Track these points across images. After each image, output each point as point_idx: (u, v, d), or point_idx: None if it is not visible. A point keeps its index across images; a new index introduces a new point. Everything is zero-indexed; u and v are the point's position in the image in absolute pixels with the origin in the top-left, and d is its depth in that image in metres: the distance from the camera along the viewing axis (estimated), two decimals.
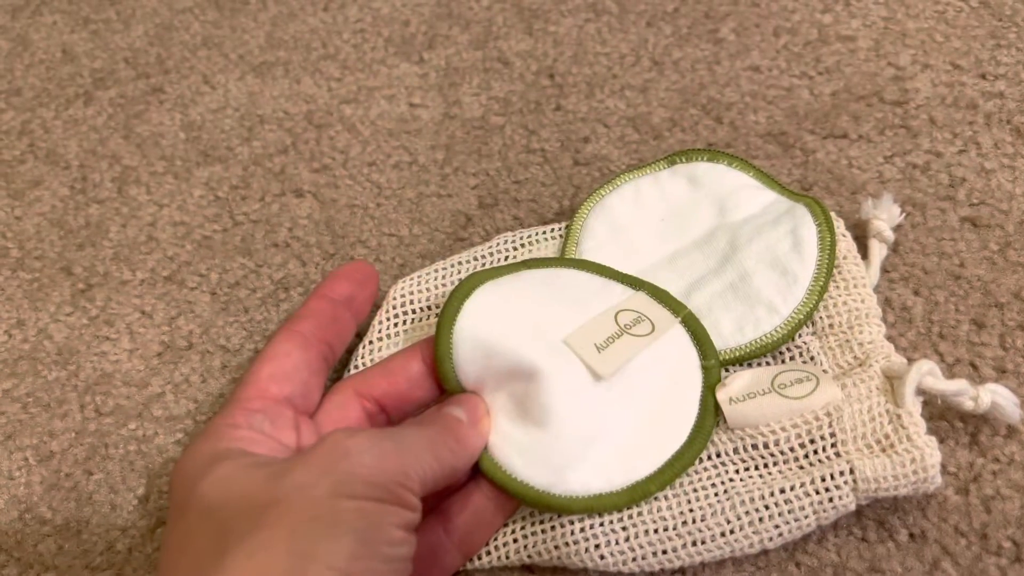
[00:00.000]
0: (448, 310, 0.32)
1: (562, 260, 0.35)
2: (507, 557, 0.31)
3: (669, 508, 0.31)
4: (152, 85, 0.51)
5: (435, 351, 0.32)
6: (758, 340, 0.32)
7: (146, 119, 0.49)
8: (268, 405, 0.29)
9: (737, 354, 0.32)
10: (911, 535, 0.31)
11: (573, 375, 0.31)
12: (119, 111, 0.50)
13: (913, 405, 0.30)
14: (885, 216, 0.37)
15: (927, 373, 0.30)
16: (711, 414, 0.31)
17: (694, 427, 0.31)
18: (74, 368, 0.39)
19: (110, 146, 0.48)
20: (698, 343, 0.33)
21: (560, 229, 0.38)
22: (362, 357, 0.35)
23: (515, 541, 0.31)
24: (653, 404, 0.31)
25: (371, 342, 0.36)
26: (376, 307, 0.39)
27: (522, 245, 0.38)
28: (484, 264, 0.38)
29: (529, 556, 0.31)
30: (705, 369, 0.32)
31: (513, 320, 0.32)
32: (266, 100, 0.49)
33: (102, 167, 0.47)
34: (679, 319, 0.33)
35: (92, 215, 0.45)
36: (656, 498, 0.31)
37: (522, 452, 0.30)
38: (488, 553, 0.31)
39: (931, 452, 0.29)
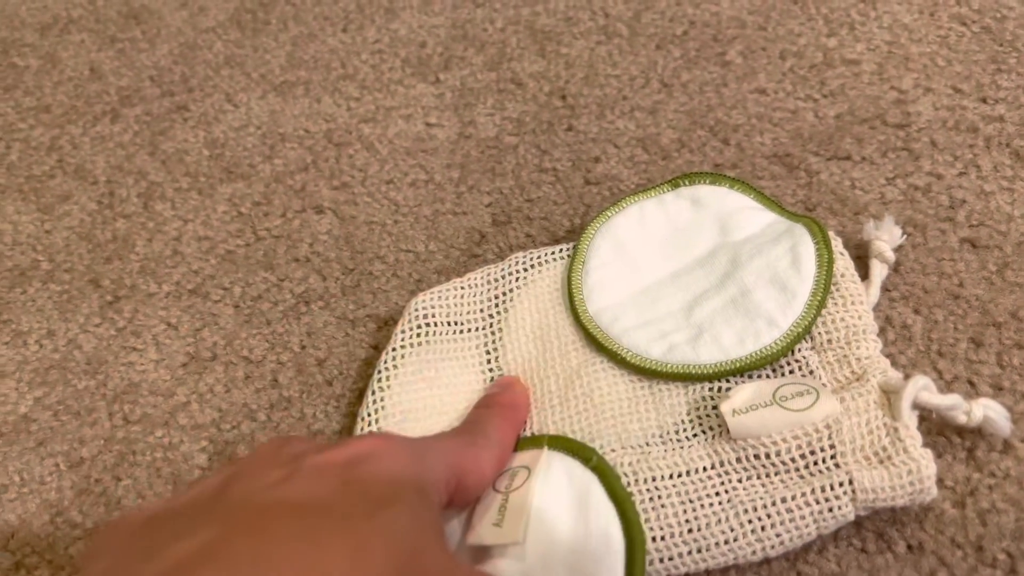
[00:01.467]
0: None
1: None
2: None
3: (675, 515, 0.32)
4: (176, 103, 0.52)
5: None
6: (758, 352, 0.34)
7: (171, 136, 0.51)
8: None
9: (738, 365, 0.34)
10: (909, 546, 0.32)
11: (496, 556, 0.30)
12: (145, 128, 0.51)
13: (910, 418, 0.31)
14: (886, 237, 0.38)
15: (923, 388, 0.32)
16: (628, 500, 0.32)
17: (623, 524, 0.31)
18: (103, 377, 0.41)
19: (136, 162, 0.50)
20: (574, 454, 0.33)
21: (568, 249, 0.40)
22: (384, 363, 0.37)
23: None
24: (576, 533, 0.31)
25: (394, 349, 0.37)
26: (394, 320, 0.40)
27: (532, 266, 0.39)
28: (498, 287, 0.39)
29: None
30: (593, 468, 0.32)
31: None
32: (287, 119, 0.50)
33: (128, 183, 0.49)
34: (544, 447, 0.33)
35: (119, 229, 0.46)
36: (663, 505, 0.32)
37: None
38: None
39: (927, 464, 0.30)
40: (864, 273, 0.38)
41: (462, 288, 0.39)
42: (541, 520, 0.31)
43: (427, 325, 0.38)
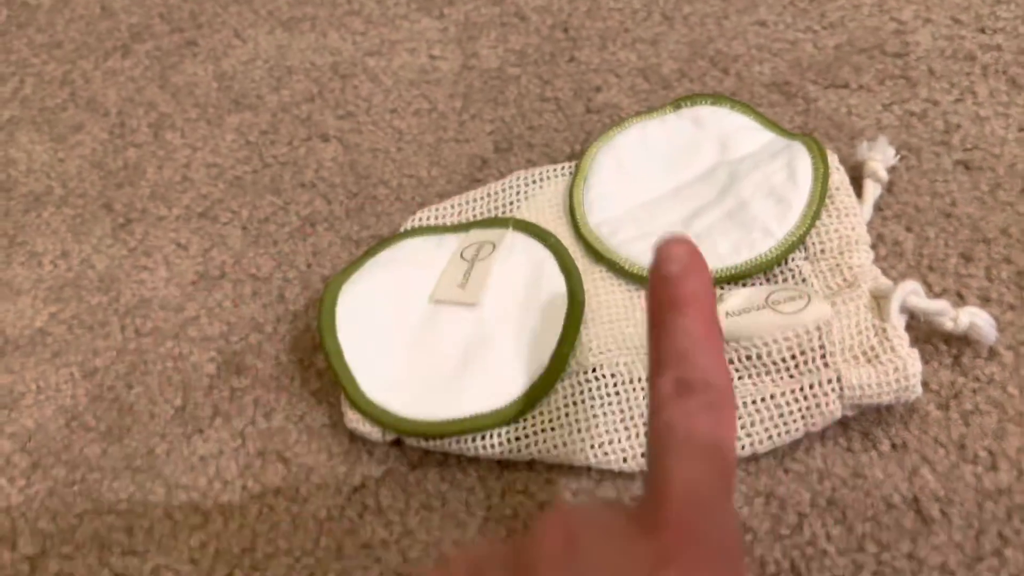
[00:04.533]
0: (323, 330, 0.36)
1: (394, 236, 0.39)
2: (518, 451, 0.33)
3: None
4: (186, 39, 0.53)
5: (333, 375, 0.35)
6: (753, 260, 0.34)
7: (180, 70, 0.52)
8: None
9: (733, 272, 0.34)
10: (893, 445, 0.33)
11: (452, 319, 0.35)
12: (155, 63, 0.52)
13: (898, 320, 0.32)
14: (880, 157, 0.39)
15: (911, 291, 0.32)
16: (576, 273, 0.36)
17: (568, 289, 0.36)
18: (115, 294, 0.42)
19: (146, 95, 0.51)
20: (535, 235, 0.38)
21: (570, 167, 0.40)
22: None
23: (523, 438, 0.33)
24: (528, 295, 0.36)
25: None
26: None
27: (534, 182, 0.40)
28: (498, 199, 0.40)
29: (539, 452, 0.33)
30: (550, 247, 0.37)
31: (381, 309, 0.36)
32: (294, 53, 0.51)
33: (139, 114, 0.50)
34: (509, 228, 0.38)
35: (130, 157, 0.48)
36: None
37: (418, 401, 0.34)
38: (500, 445, 0.33)
39: (913, 362, 0.31)
40: (858, 192, 0.38)
41: (460, 205, 0.40)
42: (499, 285, 0.36)
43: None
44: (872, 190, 0.38)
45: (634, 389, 0.33)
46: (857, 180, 0.39)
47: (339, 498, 0.34)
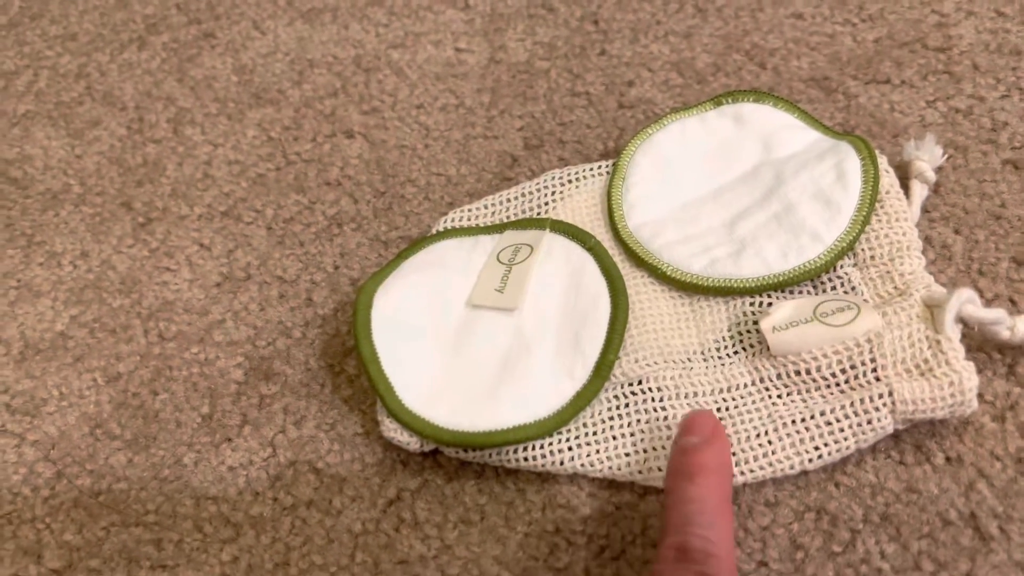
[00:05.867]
0: (359, 337, 0.34)
1: (427, 238, 0.38)
2: (560, 464, 0.32)
3: None
4: (204, 31, 0.52)
5: (369, 383, 0.34)
6: (802, 266, 0.33)
7: (199, 63, 0.50)
8: None
9: (780, 279, 0.33)
10: (947, 458, 0.32)
11: (490, 325, 0.34)
12: (172, 55, 0.51)
13: (952, 331, 0.31)
14: (927, 157, 0.37)
15: (967, 300, 0.31)
16: (619, 277, 0.35)
17: (611, 293, 0.34)
18: (137, 296, 0.41)
19: (164, 88, 0.49)
20: (573, 237, 0.36)
21: (607, 166, 0.39)
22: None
23: (566, 451, 0.32)
24: (568, 300, 0.35)
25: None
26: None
27: (569, 181, 0.39)
28: (533, 200, 0.39)
29: (581, 466, 0.32)
30: (590, 249, 0.36)
31: (417, 314, 0.35)
32: (315, 45, 0.50)
33: (157, 108, 0.48)
34: (546, 229, 0.37)
35: (149, 154, 0.46)
36: None
37: (458, 411, 0.33)
38: (541, 457, 0.32)
39: (969, 376, 0.30)
40: (905, 193, 0.37)
41: (493, 205, 0.39)
42: (538, 290, 0.35)
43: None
44: (919, 192, 0.37)
45: (681, 406, 0.32)
46: (903, 180, 0.38)
47: (374, 511, 0.33)
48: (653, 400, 0.32)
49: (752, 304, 0.34)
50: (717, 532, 0.26)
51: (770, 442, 0.31)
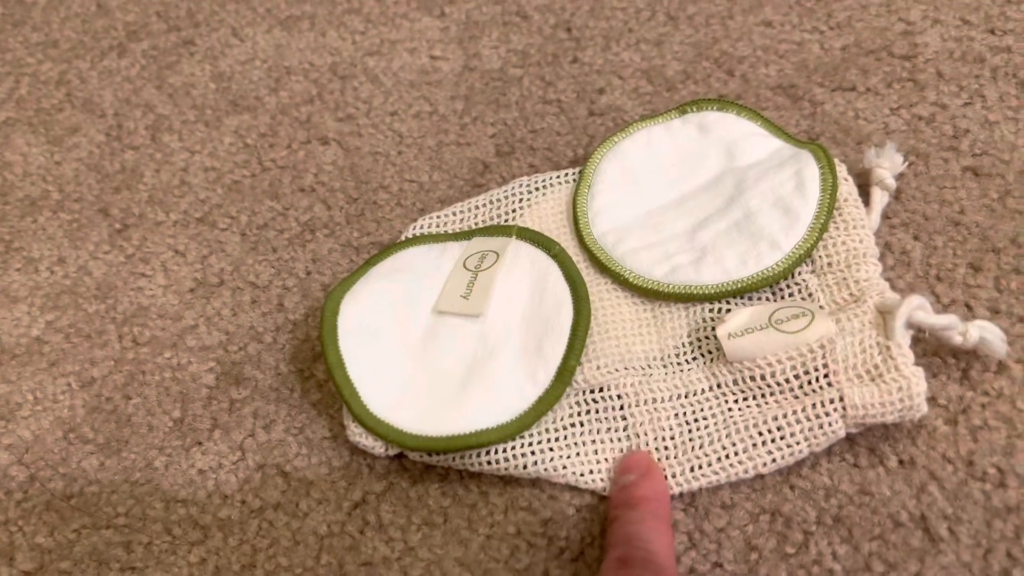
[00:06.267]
0: (325, 342, 0.35)
1: (396, 245, 0.39)
2: (523, 468, 0.33)
3: (672, 436, 0.32)
4: (183, 38, 0.53)
5: (335, 388, 0.34)
6: (759, 273, 0.34)
7: (177, 70, 0.51)
8: None
9: (739, 286, 0.34)
10: (900, 461, 0.32)
11: (455, 331, 0.35)
12: (151, 62, 0.51)
13: (903, 337, 0.31)
14: (887, 164, 0.38)
15: (917, 307, 0.32)
16: (582, 283, 0.35)
17: (573, 300, 0.35)
18: (112, 302, 0.41)
19: (143, 95, 0.50)
20: (539, 244, 0.37)
21: (574, 174, 0.40)
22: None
23: (528, 455, 0.33)
24: (532, 306, 0.35)
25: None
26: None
27: (537, 188, 0.40)
28: (501, 207, 0.40)
29: (544, 470, 0.33)
30: (554, 256, 0.37)
31: (384, 320, 0.35)
32: (292, 52, 0.51)
33: (136, 115, 0.49)
34: (513, 236, 0.37)
35: (127, 160, 0.47)
36: (662, 427, 0.33)
37: (423, 416, 0.33)
38: (504, 460, 0.33)
39: (917, 381, 0.31)
40: (865, 200, 0.38)
41: (462, 212, 0.40)
42: (503, 296, 0.36)
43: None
44: (880, 198, 0.38)
45: (641, 413, 0.33)
46: (864, 187, 0.39)
47: (340, 514, 0.34)
48: (614, 408, 0.33)
49: (711, 311, 0.35)
50: (656, 545, 0.29)
51: (723, 447, 0.32)
